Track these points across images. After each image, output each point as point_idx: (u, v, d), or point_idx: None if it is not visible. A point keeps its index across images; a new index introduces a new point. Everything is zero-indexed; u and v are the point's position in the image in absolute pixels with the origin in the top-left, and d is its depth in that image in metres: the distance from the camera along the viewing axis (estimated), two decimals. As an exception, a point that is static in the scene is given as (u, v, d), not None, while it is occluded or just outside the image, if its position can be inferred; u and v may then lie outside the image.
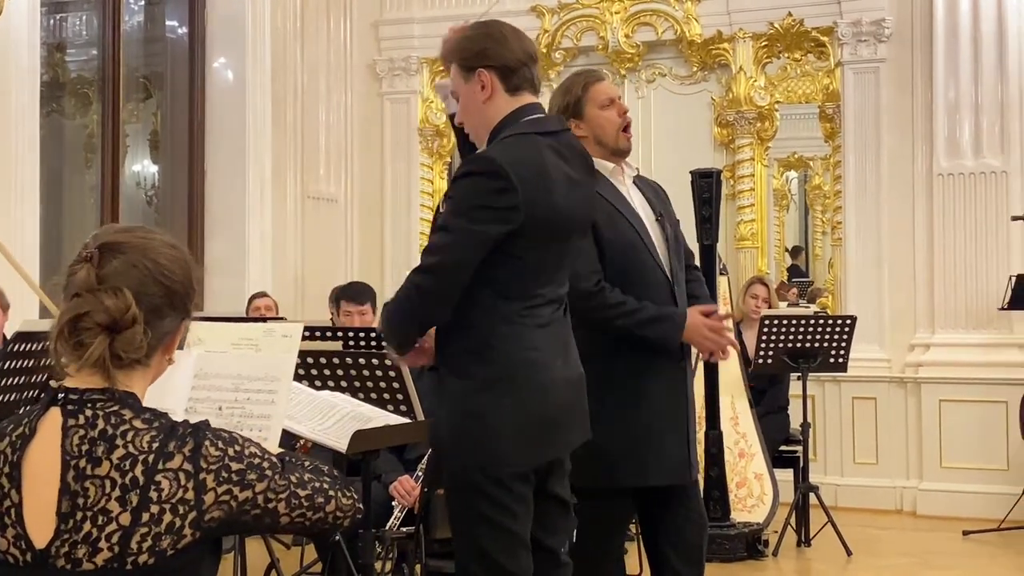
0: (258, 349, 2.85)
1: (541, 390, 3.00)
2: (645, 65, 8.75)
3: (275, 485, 1.85)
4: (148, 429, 1.80)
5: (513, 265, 2.96)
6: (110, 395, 1.83)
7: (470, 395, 2.97)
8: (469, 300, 2.95)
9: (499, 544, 2.96)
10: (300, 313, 8.12)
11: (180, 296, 1.91)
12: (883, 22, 7.89)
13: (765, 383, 7.14)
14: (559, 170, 3.04)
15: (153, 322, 1.86)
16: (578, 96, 3.79)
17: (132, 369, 1.86)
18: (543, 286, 3.04)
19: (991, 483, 7.35)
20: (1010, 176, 7.52)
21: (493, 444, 2.94)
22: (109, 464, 1.77)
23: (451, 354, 3.02)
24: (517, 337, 2.98)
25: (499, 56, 3.07)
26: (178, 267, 1.91)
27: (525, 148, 3.00)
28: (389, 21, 9.14)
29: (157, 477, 1.77)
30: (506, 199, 2.91)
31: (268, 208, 8.25)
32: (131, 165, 8.32)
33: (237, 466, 1.82)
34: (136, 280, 1.85)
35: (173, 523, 1.77)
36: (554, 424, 3.04)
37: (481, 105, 3.08)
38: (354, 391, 3.92)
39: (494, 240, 2.92)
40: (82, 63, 8.17)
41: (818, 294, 9.35)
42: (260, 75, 8.23)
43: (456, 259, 2.94)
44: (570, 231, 3.12)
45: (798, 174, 10.75)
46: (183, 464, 1.79)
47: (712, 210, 5.99)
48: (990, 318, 7.49)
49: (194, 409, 2.67)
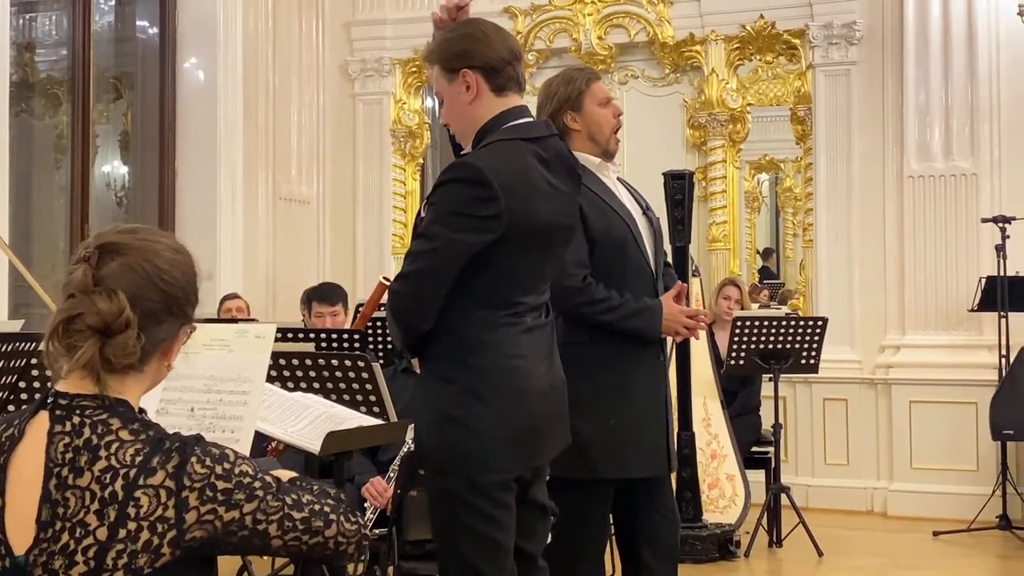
0: (230, 350, 2.83)
1: (524, 398, 2.97)
2: (618, 67, 8.77)
3: (266, 506, 1.78)
4: (134, 441, 1.76)
5: (495, 273, 2.93)
6: (100, 402, 1.78)
7: (452, 402, 2.93)
8: (451, 307, 2.92)
9: (481, 553, 2.94)
10: (272, 314, 8.09)
11: (179, 302, 1.87)
12: (854, 25, 7.92)
13: (737, 384, 7.17)
14: (543, 178, 3.01)
15: (148, 327, 1.82)
16: (580, 89, 3.81)
17: (125, 375, 1.82)
18: (525, 293, 3.01)
19: (961, 484, 7.39)
20: (980, 178, 7.57)
21: (475, 452, 2.91)
22: (91, 476, 1.73)
23: (434, 360, 2.99)
24: (500, 344, 2.95)
25: (482, 56, 3.03)
26: (179, 272, 1.87)
27: (510, 155, 2.96)
28: (361, 22, 9.11)
29: (136, 493, 1.73)
30: (488, 208, 2.87)
31: (239, 209, 8.21)
32: (101, 166, 8.27)
33: (223, 485, 1.76)
34: (133, 283, 1.80)
35: (151, 541, 1.72)
36: (536, 432, 3.02)
37: (467, 106, 3.04)
38: (327, 392, 3.91)
39: (475, 248, 2.89)
40: (52, 63, 8.11)
41: (789, 296, 9.39)
42: (231, 76, 8.19)
43: (435, 266, 2.90)
44: (552, 239, 3.08)
45: (769, 176, 10.78)
46: (165, 481, 1.74)
47: (684, 212, 6.00)
48: (960, 320, 7.53)
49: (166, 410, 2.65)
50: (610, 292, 3.70)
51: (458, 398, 2.92)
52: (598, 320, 3.68)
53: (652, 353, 3.85)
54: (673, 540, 3.92)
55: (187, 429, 2.59)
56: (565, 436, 3.16)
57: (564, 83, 3.84)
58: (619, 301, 3.71)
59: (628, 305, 3.72)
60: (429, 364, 3.01)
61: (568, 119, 3.78)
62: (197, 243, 7.91)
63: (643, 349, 3.81)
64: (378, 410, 3.93)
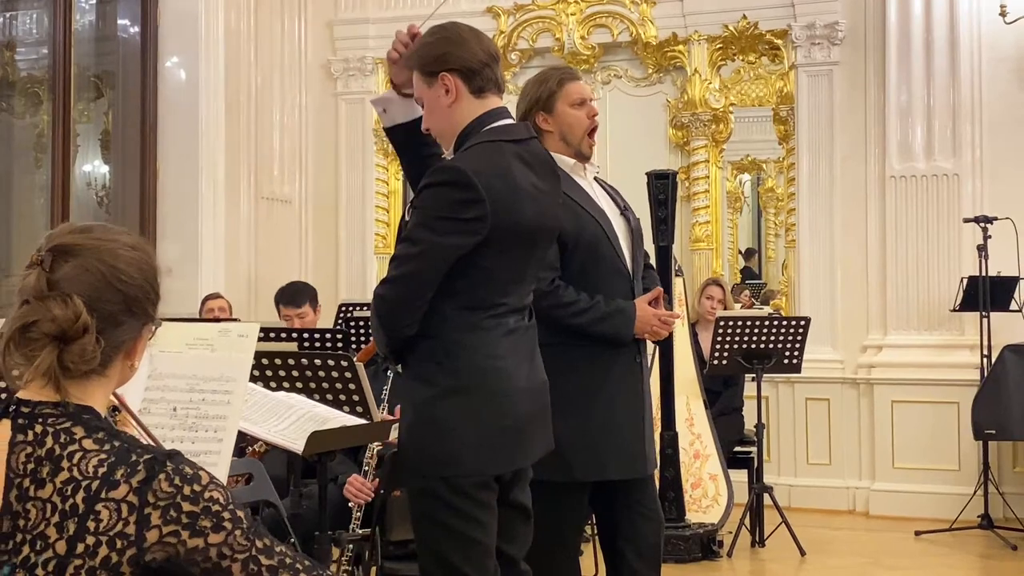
0: (213, 349, 2.81)
1: (505, 399, 2.98)
2: (601, 67, 8.76)
3: (233, 541, 1.68)
4: (98, 451, 1.68)
5: (478, 274, 2.94)
6: (63, 410, 1.71)
7: (434, 403, 2.93)
8: (433, 309, 2.93)
9: (463, 554, 2.94)
10: (254, 314, 8.06)
11: (139, 301, 1.79)
12: (836, 25, 7.94)
13: (720, 384, 7.17)
14: (526, 179, 3.02)
15: (107, 330, 1.75)
16: (552, 90, 3.79)
17: (87, 380, 1.75)
18: (508, 295, 3.02)
19: (943, 483, 7.41)
20: (961, 179, 7.59)
21: (456, 453, 2.91)
22: (52, 487, 1.66)
23: (416, 362, 2.99)
24: (481, 346, 2.95)
25: (460, 59, 3.04)
26: (137, 270, 1.79)
27: (493, 157, 2.97)
28: (344, 21, 9.10)
29: (98, 506, 1.65)
30: (473, 210, 2.88)
31: (221, 209, 8.18)
32: (82, 165, 8.23)
33: (189, 507, 1.67)
34: (89, 286, 1.73)
35: (109, 558, 1.64)
36: (518, 433, 3.02)
37: (447, 109, 3.04)
38: (310, 392, 3.90)
39: (461, 251, 2.90)
40: (32, 62, 8.07)
41: (772, 296, 9.40)
42: (213, 75, 8.16)
43: (421, 270, 2.91)
44: (535, 241, 3.09)
45: (751, 176, 10.79)
46: (127, 495, 1.65)
47: (668, 212, 6.00)
48: (942, 319, 7.55)
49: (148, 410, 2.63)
50: (579, 295, 3.69)
51: (438, 400, 2.93)
52: (568, 323, 3.66)
53: (628, 354, 3.83)
54: (656, 540, 3.92)
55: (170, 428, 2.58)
56: (548, 440, 3.16)
57: (536, 83, 3.84)
58: (588, 304, 3.69)
59: (599, 308, 3.71)
60: (410, 367, 3.01)
61: (539, 119, 3.76)
62: (179, 243, 7.97)
63: (618, 351, 3.79)
64: (361, 410, 3.92)
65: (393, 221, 9.12)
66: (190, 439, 2.59)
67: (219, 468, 2.53)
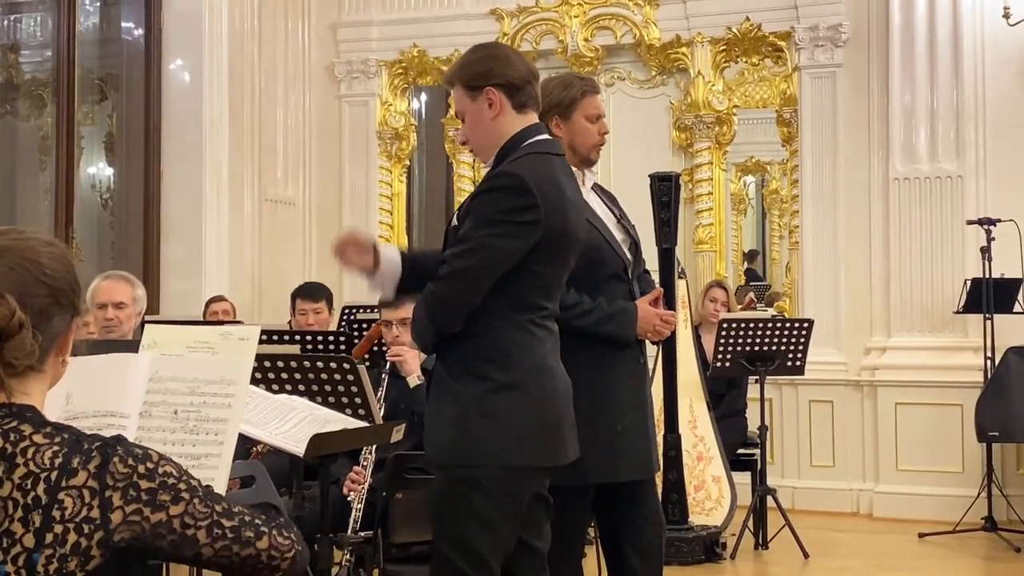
0: (215, 352, 2.82)
1: (554, 397, 3.14)
2: (604, 69, 8.76)
3: (193, 510, 1.75)
4: (50, 444, 1.72)
5: (529, 278, 3.09)
6: (7, 410, 1.75)
7: (489, 397, 3.06)
8: (484, 308, 3.06)
9: (489, 544, 3.07)
10: (257, 316, 8.06)
11: (65, 293, 1.83)
12: (840, 27, 7.94)
13: (723, 387, 7.17)
14: (570, 190, 3.19)
15: (41, 324, 1.78)
16: (575, 98, 3.88)
17: (26, 377, 1.78)
18: (551, 300, 3.20)
19: (946, 485, 7.40)
20: (965, 180, 7.59)
21: (507, 445, 3.05)
22: (11, 484, 1.69)
23: (464, 358, 3.10)
24: (531, 345, 3.11)
25: (504, 75, 3.17)
26: (59, 264, 1.83)
27: (543, 167, 3.12)
28: (347, 23, 9.11)
29: (60, 495, 1.68)
30: (530, 215, 3.03)
31: (225, 211, 8.19)
32: (86, 167, 8.25)
33: (147, 484, 1.72)
34: (17, 283, 1.76)
35: (79, 543, 1.68)
36: (560, 430, 3.17)
37: (490, 122, 3.18)
38: (312, 395, 3.90)
39: (517, 255, 3.04)
40: (36, 64, 8.09)
41: (776, 298, 9.39)
42: (217, 77, 8.17)
43: (476, 269, 3.05)
44: (574, 249, 3.24)
45: (755, 178, 10.80)
46: (88, 481, 1.70)
47: (671, 214, 5.99)
48: (945, 321, 7.54)
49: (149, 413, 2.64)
50: (581, 297, 3.74)
51: (492, 394, 3.06)
52: (571, 326, 3.67)
53: (632, 356, 3.88)
54: (658, 542, 3.95)
55: (171, 431, 2.58)
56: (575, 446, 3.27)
57: (560, 87, 3.90)
58: (591, 306, 3.76)
59: (601, 309, 3.77)
60: (458, 363, 3.12)
61: (553, 124, 3.81)
62: (183, 245, 7.98)
63: (622, 352, 3.85)
64: (363, 412, 3.93)
65: (397, 223, 9.14)
66: (191, 442, 2.58)
67: (220, 471, 2.53)
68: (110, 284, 4.96)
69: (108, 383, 2.47)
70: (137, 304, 4.98)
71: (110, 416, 2.43)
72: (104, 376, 2.47)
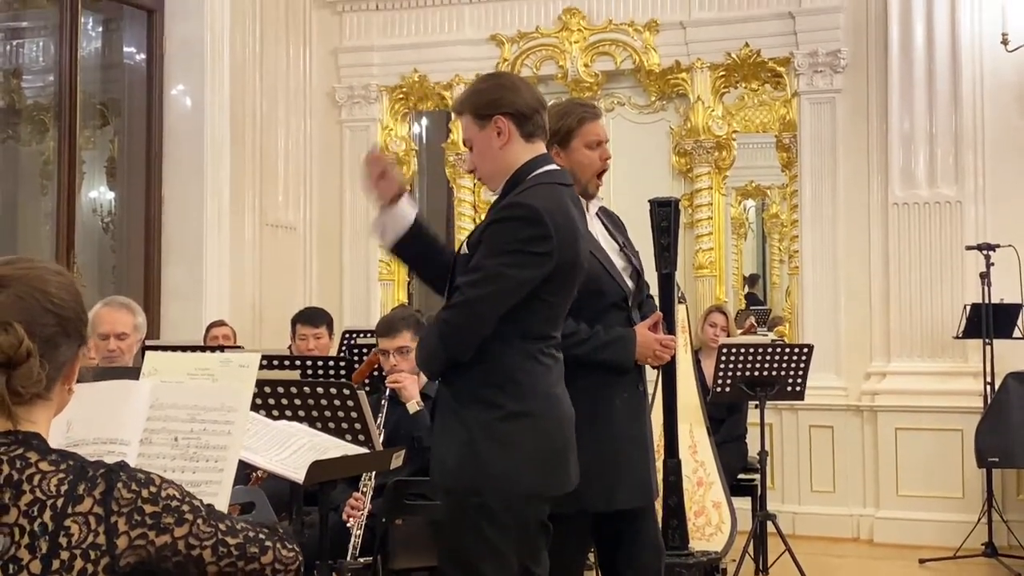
0: (215, 379, 2.83)
1: (559, 424, 3.17)
2: (604, 94, 8.78)
3: (198, 531, 1.78)
4: (55, 472, 1.74)
5: (540, 307, 3.13)
6: (13, 438, 1.76)
7: (496, 424, 3.08)
8: (494, 335, 3.08)
9: (494, 565, 3.08)
10: (258, 341, 8.07)
11: (73, 323, 1.85)
12: (839, 53, 7.97)
13: (723, 412, 7.15)
14: (579, 220, 3.23)
15: (48, 353, 1.81)
16: (571, 127, 3.87)
17: (33, 405, 1.80)
18: (557, 328, 3.24)
19: (947, 511, 7.39)
20: (964, 206, 7.60)
21: (516, 472, 3.08)
22: (17, 511, 1.71)
23: (472, 385, 3.12)
24: (539, 373, 3.14)
25: (513, 103, 3.20)
26: (67, 293, 1.85)
27: (556, 197, 3.15)
28: (348, 49, 9.14)
29: (66, 522, 1.71)
30: (543, 245, 3.06)
31: (226, 235, 8.20)
32: (87, 192, 8.25)
33: (151, 508, 1.75)
34: (26, 312, 1.79)
35: (85, 569, 1.70)
36: (566, 457, 3.20)
37: (498, 151, 3.21)
38: (312, 420, 3.90)
39: (530, 284, 3.07)
40: (39, 89, 8.11)
41: (779, 322, 9.39)
42: (218, 102, 8.19)
43: (489, 299, 3.07)
44: (580, 278, 3.27)
45: (755, 202, 10.81)
46: (93, 507, 1.72)
47: (671, 239, 5.97)
48: (945, 347, 7.55)
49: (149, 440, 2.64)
50: (578, 325, 3.72)
51: (501, 422, 3.08)
52: (568, 354, 3.67)
53: (631, 383, 3.88)
54: (657, 567, 3.94)
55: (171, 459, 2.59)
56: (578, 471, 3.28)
57: (557, 116, 3.87)
58: (588, 334, 3.74)
59: (598, 337, 3.76)
60: (466, 389, 3.13)
61: (553, 153, 3.78)
62: (183, 269, 7.99)
63: (621, 380, 3.84)
64: (363, 438, 3.93)
65: (397, 248, 9.12)
66: (191, 469, 2.59)
67: (220, 498, 2.53)
68: (112, 313, 4.96)
69: (109, 410, 2.47)
70: (138, 332, 4.99)
71: (111, 443, 2.44)
72: (105, 403, 2.48)
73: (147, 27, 8.28)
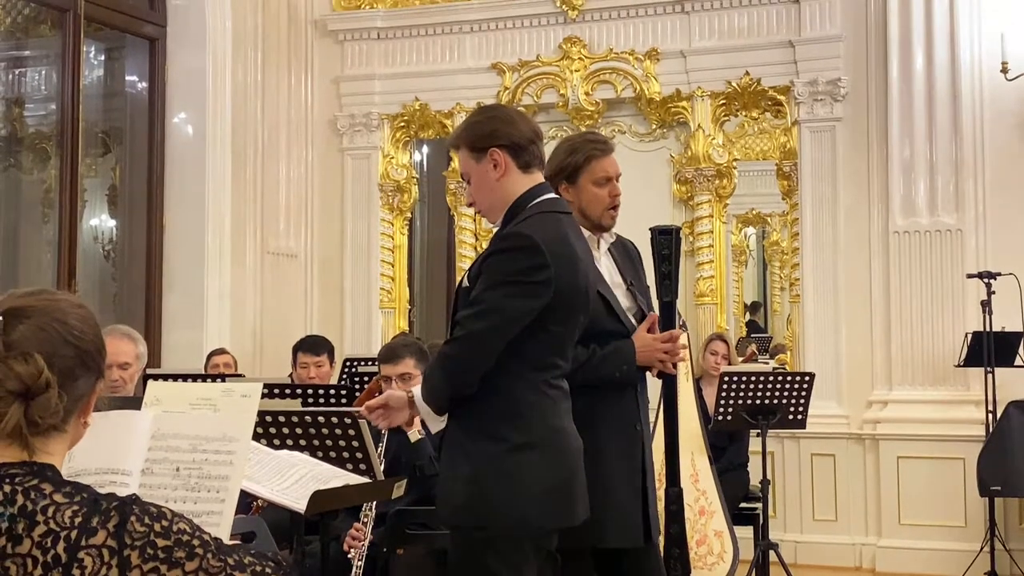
0: (216, 409, 2.83)
1: (567, 457, 3.16)
2: (605, 122, 8.81)
3: (207, 565, 1.78)
4: (69, 504, 1.74)
5: (545, 337, 3.12)
6: (28, 469, 1.77)
7: (503, 457, 3.07)
8: (499, 368, 3.08)
9: None
10: (259, 369, 8.07)
11: (92, 355, 1.86)
12: (839, 82, 7.99)
13: (725, 440, 7.14)
14: (579, 249, 3.22)
15: (67, 385, 1.81)
16: (578, 164, 3.84)
17: (49, 436, 1.81)
18: (564, 358, 3.22)
19: (949, 540, 7.37)
20: (965, 234, 7.61)
21: (524, 506, 3.06)
22: (31, 542, 1.71)
23: (479, 418, 3.12)
24: (545, 406, 3.13)
25: (508, 135, 3.21)
26: (87, 326, 1.86)
27: (553, 225, 3.16)
28: (350, 77, 9.17)
29: (80, 554, 1.71)
30: (541, 275, 3.06)
31: (227, 263, 8.21)
32: (89, 220, 8.27)
33: (163, 543, 1.75)
34: (46, 343, 1.80)
35: None
36: (573, 490, 3.18)
37: (495, 183, 3.22)
38: (313, 450, 3.89)
39: (531, 315, 3.06)
40: (40, 118, 8.13)
41: (780, 350, 9.38)
42: (220, 130, 8.22)
43: (491, 331, 3.07)
44: (585, 306, 3.27)
45: (756, 230, 10.83)
46: (107, 540, 1.72)
47: (671, 267, 5.95)
48: (946, 375, 7.54)
49: (151, 470, 2.64)
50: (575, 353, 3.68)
51: (508, 455, 3.07)
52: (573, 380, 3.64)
53: (628, 411, 3.81)
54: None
55: (172, 489, 2.58)
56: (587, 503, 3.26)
57: (565, 153, 3.88)
58: (586, 356, 3.67)
59: (595, 355, 3.71)
60: (473, 423, 3.13)
61: (562, 188, 3.78)
62: (185, 297, 7.99)
63: (610, 411, 3.75)
64: (364, 467, 3.92)
65: (399, 276, 9.15)
66: (192, 499, 2.58)
67: (221, 528, 2.53)
68: (115, 343, 4.95)
69: (111, 440, 2.47)
70: (140, 361, 5.00)
71: (112, 473, 2.43)
72: (106, 433, 2.47)
73: (149, 56, 8.31)
